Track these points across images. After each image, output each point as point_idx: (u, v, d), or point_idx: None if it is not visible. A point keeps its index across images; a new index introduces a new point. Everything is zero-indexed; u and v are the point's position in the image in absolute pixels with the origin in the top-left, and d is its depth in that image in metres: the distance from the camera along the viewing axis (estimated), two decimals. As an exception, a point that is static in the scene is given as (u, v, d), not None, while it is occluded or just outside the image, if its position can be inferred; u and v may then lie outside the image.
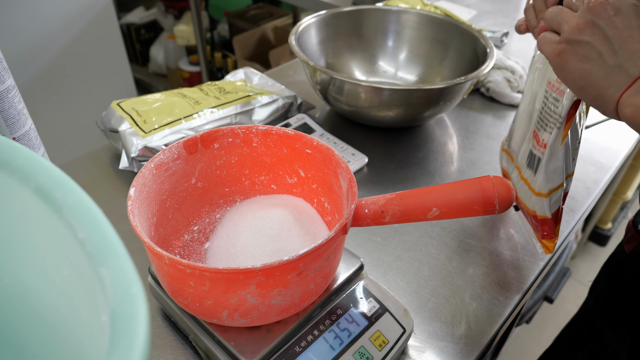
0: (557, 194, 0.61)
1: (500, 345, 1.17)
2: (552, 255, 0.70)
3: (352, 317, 0.53)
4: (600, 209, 1.90)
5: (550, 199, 0.61)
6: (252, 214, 0.55)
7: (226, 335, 0.48)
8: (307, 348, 0.49)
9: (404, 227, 0.72)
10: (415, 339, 0.58)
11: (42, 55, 1.79)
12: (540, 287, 1.42)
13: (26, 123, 0.59)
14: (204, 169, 0.57)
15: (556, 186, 0.60)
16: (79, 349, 0.31)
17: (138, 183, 0.47)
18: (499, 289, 0.64)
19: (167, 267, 0.42)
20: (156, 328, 0.57)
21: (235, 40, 2.35)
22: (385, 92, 0.79)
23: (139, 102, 0.82)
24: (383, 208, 0.48)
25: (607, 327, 0.71)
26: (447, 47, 1.01)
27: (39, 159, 0.29)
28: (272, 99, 0.87)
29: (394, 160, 0.86)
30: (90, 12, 1.88)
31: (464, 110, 1.02)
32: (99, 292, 0.25)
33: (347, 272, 0.55)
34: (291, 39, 0.88)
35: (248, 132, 0.56)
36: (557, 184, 0.60)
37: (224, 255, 0.52)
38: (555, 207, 0.62)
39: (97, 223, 0.27)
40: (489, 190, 0.46)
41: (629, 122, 0.44)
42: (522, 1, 1.64)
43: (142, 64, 2.86)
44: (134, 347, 0.21)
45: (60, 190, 0.28)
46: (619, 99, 0.45)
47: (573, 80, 0.48)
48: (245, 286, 0.41)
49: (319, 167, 0.55)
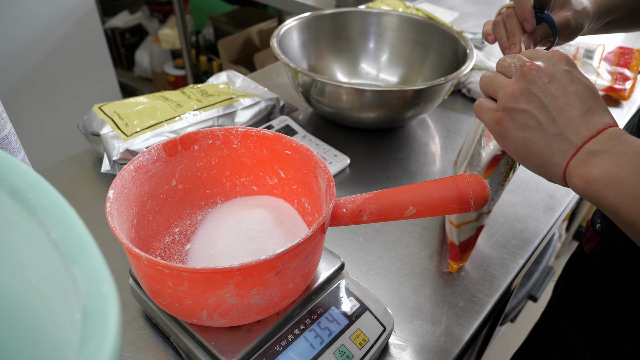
0: (468, 227, 0.64)
1: (485, 343, 1.18)
2: (530, 254, 0.71)
3: (333, 316, 0.53)
4: (584, 208, 1.92)
5: (460, 230, 0.65)
6: (232, 215, 0.55)
7: (206, 335, 0.48)
8: (288, 347, 0.50)
9: (385, 227, 0.73)
10: (396, 337, 0.58)
11: (25, 60, 1.77)
12: (524, 286, 1.43)
13: (5, 127, 0.59)
14: (185, 171, 0.57)
15: (467, 221, 0.64)
16: (55, 349, 0.32)
17: (117, 185, 0.47)
18: (479, 286, 0.65)
19: (146, 268, 0.42)
20: (138, 330, 0.57)
21: (220, 44, 2.35)
22: (366, 93, 0.80)
23: (121, 105, 0.82)
24: (361, 207, 0.49)
25: (571, 327, 0.72)
26: (427, 49, 1.02)
27: (13, 160, 0.30)
28: (255, 101, 0.88)
29: (376, 161, 0.87)
30: (73, 17, 1.87)
31: (446, 111, 1.03)
32: (72, 291, 0.25)
33: (327, 272, 0.55)
34: (273, 41, 0.89)
35: (228, 134, 0.56)
36: (468, 219, 0.64)
37: (204, 256, 0.52)
38: (465, 237, 0.65)
39: (70, 223, 0.27)
40: (464, 189, 0.47)
41: (580, 193, 0.43)
42: (503, 4, 1.66)
43: (128, 68, 2.85)
44: (104, 343, 0.22)
45: (33, 191, 0.28)
46: (565, 168, 0.43)
47: (515, 148, 0.47)
48: (223, 286, 0.42)
49: (299, 168, 0.56)
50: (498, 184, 0.60)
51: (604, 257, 0.68)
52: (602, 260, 0.68)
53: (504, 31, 0.64)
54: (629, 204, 0.38)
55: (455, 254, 0.67)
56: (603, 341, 0.66)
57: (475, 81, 1.04)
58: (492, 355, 1.69)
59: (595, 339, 0.67)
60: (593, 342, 0.67)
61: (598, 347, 0.66)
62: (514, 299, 1.39)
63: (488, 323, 0.65)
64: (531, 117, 0.45)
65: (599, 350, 0.66)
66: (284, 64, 0.84)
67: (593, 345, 0.67)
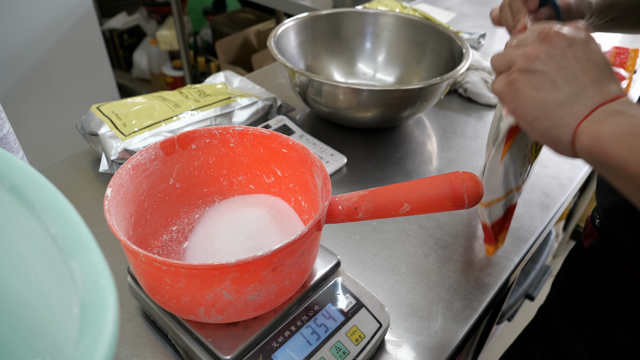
0: (497, 206, 0.64)
1: (482, 342, 1.19)
2: (526, 252, 0.71)
3: (329, 312, 0.54)
4: (582, 208, 1.93)
5: (490, 209, 0.64)
6: (230, 213, 0.56)
7: (204, 332, 0.48)
8: (284, 343, 0.50)
9: (382, 225, 0.74)
10: (392, 333, 0.59)
11: (23, 62, 1.78)
12: (522, 285, 1.44)
13: (4, 127, 0.60)
14: (182, 170, 0.57)
15: (496, 199, 0.63)
16: (54, 344, 0.32)
17: (115, 183, 0.48)
18: (474, 284, 0.66)
19: (144, 264, 0.43)
20: (136, 328, 0.57)
21: (218, 45, 2.36)
22: (363, 93, 0.81)
23: (119, 105, 0.82)
24: (356, 204, 0.49)
25: (562, 321, 0.72)
26: (424, 49, 1.02)
27: (12, 158, 0.30)
28: (252, 101, 0.88)
29: (373, 160, 0.87)
30: (71, 18, 1.88)
31: (442, 110, 1.04)
32: (70, 285, 0.26)
33: (324, 269, 0.56)
34: (270, 41, 0.90)
35: (225, 133, 0.57)
36: (497, 196, 0.63)
37: (202, 254, 0.52)
38: (496, 217, 0.65)
39: (68, 218, 0.27)
40: (458, 186, 0.47)
41: (587, 152, 0.42)
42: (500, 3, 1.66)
43: (126, 70, 2.86)
44: (102, 334, 0.22)
45: (32, 187, 0.29)
46: (576, 128, 0.43)
47: (526, 109, 0.47)
48: (220, 282, 0.42)
49: (295, 166, 0.56)
50: (524, 157, 0.59)
51: (603, 252, 0.68)
52: (601, 255, 0.69)
53: (510, 13, 0.65)
54: (639, 157, 0.38)
55: (490, 235, 0.66)
56: (599, 334, 0.67)
57: (471, 81, 1.05)
58: (490, 354, 1.69)
59: (591, 332, 0.68)
60: (588, 335, 0.68)
61: (593, 340, 0.67)
62: (511, 297, 1.39)
63: (484, 320, 0.65)
64: (547, 77, 0.45)
65: (594, 343, 0.67)
66: (281, 64, 0.85)
67: (588, 338, 0.68)
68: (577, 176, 0.87)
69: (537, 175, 0.86)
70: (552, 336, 0.74)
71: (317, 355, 0.50)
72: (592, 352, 0.68)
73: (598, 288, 0.68)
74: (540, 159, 0.89)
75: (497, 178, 0.61)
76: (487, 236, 0.67)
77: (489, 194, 0.63)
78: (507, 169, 0.60)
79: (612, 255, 0.66)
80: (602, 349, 0.66)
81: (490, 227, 0.66)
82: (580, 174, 0.87)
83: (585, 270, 0.71)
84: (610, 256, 0.67)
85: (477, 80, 1.04)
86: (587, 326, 0.68)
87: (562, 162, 0.89)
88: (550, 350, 0.75)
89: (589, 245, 0.72)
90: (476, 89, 1.04)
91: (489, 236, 0.67)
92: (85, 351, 0.21)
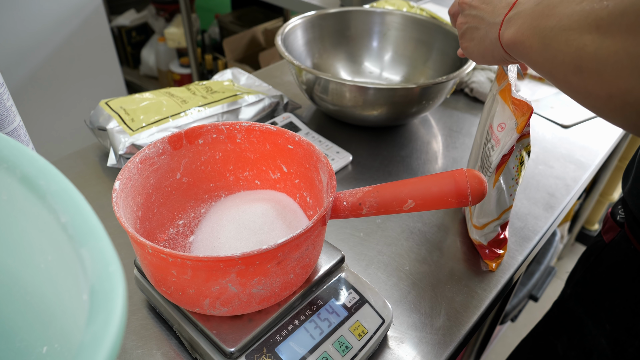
0: (492, 226, 0.66)
1: (485, 342, 1.19)
2: (530, 251, 0.71)
3: (333, 307, 0.54)
4: (587, 210, 1.92)
5: (484, 230, 0.67)
6: (235, 208, 0.56)
7: (209, 324, 0.49)
8: (288, 337, 0.51)
9: (386, 222, 0.74)
10: (395, 329, 0.59)
11: (33, 57, 1.79)
12: (525, 286, 1.44)
13: (14, 120, 0.60)
14: (189, 165, 0.58)
15: (490, 220, 0.66)
16: (63, 331, 0.33)
17: (123, 177, 0.48)
18: (477, 282, 0.66)
19: (151, 256, 0.43)
20: (142, 320, 0.58)
21: (225, 43, 2.36)
22: (369, 91, 0.81)
23: (127, 101, 0.83)
24: (361, 200, 0.50)
25: (584, 315, 0.73)
26: (430, 48, 1.03)
27: (24, 149, 0.31)
28: (259, 98, 0.89)
29: (378, 159, 0.88)
30: (81, 15, 1.89)
31: (448, 110, 1.04)
32: (80, 272, 0.26)
33: (328, 264, 0.56)
34: (277, 39, 0.90)
35: (232, 129, 0.57)
36: (490, 219, 0.66)
37: (207, 248, 0.53)
38: (492, 236, 0.67)
39: (79, 207, 0.28)
40: (462, 183, 0.48)
41: (513, 51, 0.50)
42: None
43: (134, 67, 2.87)
44: (111, 319, 0.23)
45: (44, 178, 0.29)
46: (500, 42, 0.52)
47: (473, 52, 0.60)
48: (225, 274, 0.43)
49: (301, 163, 0.57)
50: (512, 179, 0.62)
51: (625, 246, 0.69)
52: (623, 249, 0.69)
53: None
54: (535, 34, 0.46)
55: (486, 253, 0.69)
56: (621, 327, 0.67)
57: (477, 80, 1.05)
58: (493, 355, 1.69)
59: (613, 326, 0.68)
60: (611, 329, 0.68)
61: (615, 334, 0.67)
62: (515, 297, 1.39)
63: (487, 319, 0.65)
64: (474, 19, 0.58)
65: (616, 337, 0.67)
66: (288, 62, 0.85)
67: (611, 332, 0.68)
68: (582, 177, 0.87)
69: (542, 175, 0.86)
70: (577, 330, 0.74)
71: (320, 349, 0.51)
72: (613, 345, 0.68)
73: (621, 281, 0.69)
74: (546, 160, 0.90)
75: (490, 203, 0.64)
76: (484, 254, 0.69)
77: (484, 218, 0.66)
78: (500, 193, 0.63)
79: (635, 249, 0.67)
80: (624, 342, 0.67)
81: (487, 245, 0.68)
82: (586, 174, 0.88)
83: (606, 264, 0.72)
84: (633, 250, 0.67)
85: (483, 80, 1.05)
86: (609, 319, 0.69)
87: (567, 162, 0.90)
88: (575, 343, 0.75)
89: (610, 239, 0.72)
90: (482, 89, 1.04)
91: (488, 254, 0.69)
92: (95, 335, 0.22)
